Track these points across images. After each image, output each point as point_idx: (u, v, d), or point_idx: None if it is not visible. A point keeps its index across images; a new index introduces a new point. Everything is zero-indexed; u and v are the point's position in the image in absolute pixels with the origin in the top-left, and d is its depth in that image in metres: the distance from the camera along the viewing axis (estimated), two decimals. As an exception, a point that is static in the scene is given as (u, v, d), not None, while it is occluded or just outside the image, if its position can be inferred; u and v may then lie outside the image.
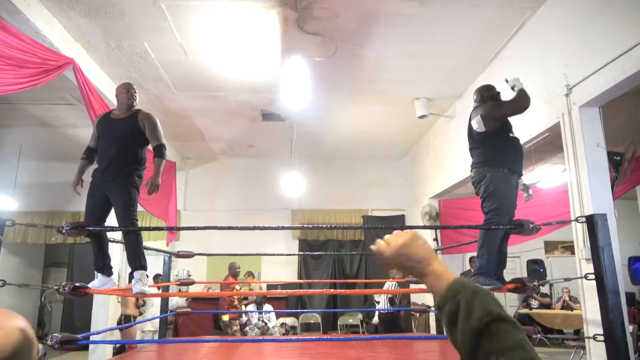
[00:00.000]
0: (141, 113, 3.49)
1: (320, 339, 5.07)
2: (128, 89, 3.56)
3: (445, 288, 0.88)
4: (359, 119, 7.61)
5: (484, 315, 0.78)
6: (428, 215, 7.93)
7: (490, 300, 0.82)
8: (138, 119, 3.42)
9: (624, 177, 4.06)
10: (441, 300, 0.88)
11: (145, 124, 3.41)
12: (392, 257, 0.99)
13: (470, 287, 0.85)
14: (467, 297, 0.83)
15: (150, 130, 3.41)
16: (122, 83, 3.67)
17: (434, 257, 0.96)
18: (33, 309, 9.80)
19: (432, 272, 0.94)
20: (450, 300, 0.85)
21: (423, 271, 0.95)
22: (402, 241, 0.98)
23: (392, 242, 1.00)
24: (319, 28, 4.84)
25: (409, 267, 0.97)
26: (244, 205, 9.56)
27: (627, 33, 3.32)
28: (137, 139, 3.42)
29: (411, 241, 0.98)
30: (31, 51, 3.77)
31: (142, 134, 3.42)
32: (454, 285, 0.87)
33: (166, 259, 5.11)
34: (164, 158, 3.42)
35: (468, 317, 0.80)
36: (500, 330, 0.77)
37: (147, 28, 4.81)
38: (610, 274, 2.80)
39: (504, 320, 0.78)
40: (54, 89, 5.82)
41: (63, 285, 3.04)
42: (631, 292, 8.72)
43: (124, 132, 3.39)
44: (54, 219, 8.87)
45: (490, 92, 3.66)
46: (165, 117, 7.26)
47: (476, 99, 3.68)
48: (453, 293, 0.86)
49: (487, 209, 3.31)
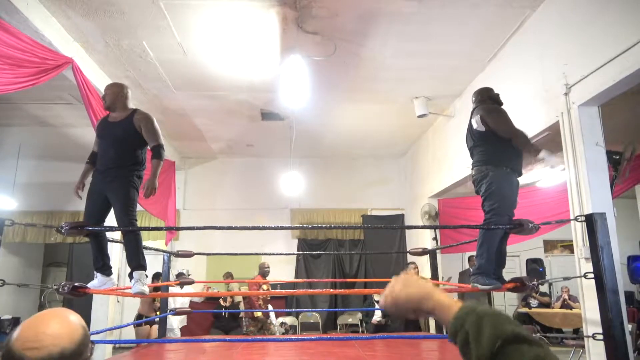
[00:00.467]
0: (137, 114, 3.44)
1: (320, 338, 5.07)
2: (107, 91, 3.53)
3: (452, 319, 0.85)
4: (358, 118, 7.61)
5: (495, 339, 0.75)
6: (427, 214, 7.93)
7: (499, 321, 0.78)
8: (133, 121, 3.37)
9: (623, 176, 4.06)
10: (451, 332, 0.85)
11: (142, 125, 3.37)
12: (397, 306, 0.95)
13: (475, 313, 0.82)
14: (475, 324, 0.80)
15: (146, 131, 3.37)
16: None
17: (434, 290, 0.93)
18: (32, 309, 9.78)
19: (436, 305, 0.91)
20: (460, 330, 0.82)
21: (428, 307, 0.92)
22: (397, 287, 0.95)
23: (389, 292, 0.97)
24: (318, 27, 4.84)
25: (415, 308, 0.94)
26: (243, 204, 9.57)
27: (626, 32, 3.32)
28: (134, 141, 3.38)
29: (404, 283, 0.95)
30: (30, 50, 3.77)
31: (138, 135, 3.37)
32: (460, 314, 0.84)
33: (165, 258, 5.11)
34: (161, 159, 3.37)
35: (479, 344, 0.77)
36: (514, 350, 0.74)
37: (146, 27, 4.81)
38: (610, 273, 2.80)
39: (517, 338, 0.75)
40: (53, 89, 5.82)
41: (62, 285, 3.04)
42: (630, 291, 8.73)
43: (120, 135, 3.37)
44: (53, 219, 8.87)
45: (488, 93, 3.67)
46: (165, 116, 7.26)
47: (475, 99, 3.68)
48: (460, 322, 0.83)
49: (487, 208, 3.31)
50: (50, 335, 0.98)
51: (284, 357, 3.83)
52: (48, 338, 0.97)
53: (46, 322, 1.00)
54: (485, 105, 3.54)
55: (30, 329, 0.98)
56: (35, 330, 0.98)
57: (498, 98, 3.65)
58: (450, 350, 4.26)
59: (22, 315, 8.97)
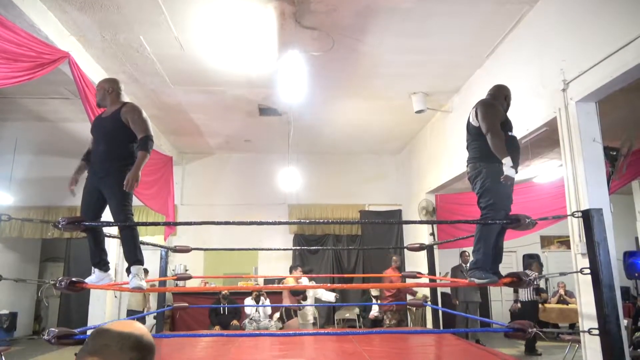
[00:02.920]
0: (124, 107, 3.37)
1: (317, 333, 5.09)
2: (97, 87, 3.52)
3: None
4: (356, 114, 7.60)
5: None
6: (425, 210, 7.94)
7: None
8: (120, 114, 3.31)
9: (619, 171, 4.07)
10: None
11: (128, 118, 3.29)
12: None
13: None
14: None
15: (133, 122, 3.29)
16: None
17: None
18: (30, 304, 9.80)
19: None
20: None
21: None
22: None
23: None
24: (316, 22, 4.83)
25: None
26: (241, 200, 9.57)
27: (624, 28, 3.32)
28: (123, 134, 3.31)
29: None
30: (26, 45, 3.74)
31: (127, 129, 3.30)
32: None
33: (163, 253, 5.11)
34: (147, 151, 3.24)
35: None
36: None
37: (143, 21, 4.78)
38: (606, 268, 2.81)
39: None
40: (50, 83, 5.78)
41: (60, 280, 3.04)
42: (626, 287, 8.78)
43: (109, 129, 3.32)
44: (50, 214, 8.84)
45: (500, 92, 3.54)
46: (162, 111, 7.23)
47: (489, 92, 3.60)
48: None
49: (483, 204, 3.30)
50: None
51: (281, 351, 3.84)
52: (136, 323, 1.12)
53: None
54: (485, 99, 3.50)
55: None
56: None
57: (505, 101, 3.54)
58: (445, 345, 4.29)
59: (19, 310, 8.97)
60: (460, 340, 4.49)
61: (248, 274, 9.19)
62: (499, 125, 3.28)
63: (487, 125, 3.29)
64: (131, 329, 1.06)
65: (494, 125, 3.27)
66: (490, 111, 3.36)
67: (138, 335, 1.05)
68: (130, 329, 1.06)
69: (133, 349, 1.02)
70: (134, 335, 1.05)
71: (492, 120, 3.30)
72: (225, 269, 9.19)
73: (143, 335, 1.06)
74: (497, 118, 3.33)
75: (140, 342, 1.04)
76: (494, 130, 3.25)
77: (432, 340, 4.55)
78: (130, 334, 1.04)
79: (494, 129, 3.25)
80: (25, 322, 9.46)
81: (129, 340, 1.03)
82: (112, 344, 1.00)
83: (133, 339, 1.04)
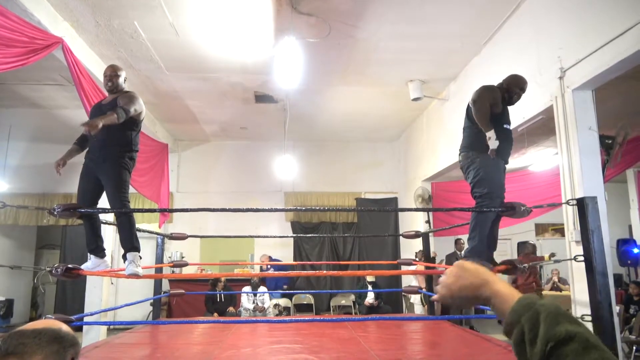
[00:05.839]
0: (122, 94, 3.38)
1: (313, 319, 5.13)
2: (105, 73, 3.47)
3: (509, 312, 0.80)
4: (352, 101, 7.57)
5: (548, 340, 0.71)
6: (421, 197, 7.97)
7: (556, 319, 0.73)
8: (117, 101, 3.31)
9: (614, 160, 4.09)
10: (506, 326, 0.80)
11: (122, 101, 3.28)
12: (452, 296, 0.92)
13: (534, 308, 0.76)
14: (531, 320, 0.75)
15: (122, 100, 3.27)
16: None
17: (492, 278, 0.89)
18: (26, 291, 9.81)
19: (493, 293, 0.87)
20: (516, 326, 0.78)
21: (484, 295, 0.88)
22: (452, 276, 0.93)
23: (444, 282, 0.94)
24: (312, 8, 4.78)
25: (472, 297, 0.91)
26: (237, 187, 9.56)
27: (621, 16, 3.31)
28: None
29: (460, 271, 0.92)
30: (18, 30, 3.69)
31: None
32: (517, 307, 0.79)
33: (159, 241, 5.11)
34: (116, 115, 3.14)
35: (533, 343, 0.73)
36: (568, 353, 0.69)
37: (137, 6, 4.72)
38: (599, 256, 2.84)
39: (572, 339, 0.70)
40: (43, 69, 5.72)
41: (56, 267, 3.04)
42: (619, 274, 8.89)
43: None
44: (46, 201, 8.82)
45: (513, 79, 3.49)
46: (157, 98, 7.18)
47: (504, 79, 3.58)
48: (517, 317, 0.78)
49: (478, 194, 3.32)
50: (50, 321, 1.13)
51: (277, 338, 3.87)
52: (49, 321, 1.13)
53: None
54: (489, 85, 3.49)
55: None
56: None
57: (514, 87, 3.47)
58: (440, 331, 4.33)
59: (15, 297, 8.99)
60: (454, 327, 4.54)
61: (244, 261, 9.22)
62: (487, 103, 3.32)
63: (475, 97, 3.35)
64: (46, 325, 1.07)
65: (482, 103, 3.32)
66: (483, 93, 3.39)
67: (55, 329, 1.06)
68: (44, 325, 1.06)
69: (51, 342, 1.02)
70: (50, 329, 1.05)
71: (482, 99, 3.34)
72: (222, 256, 9.21)
73: (61, 328, 1.07)
74: (489, 94, 3.36)
75: (59, 334, 1.05)
76: (481, 106, 3.30)
77: (427, 327, 4.59)
78: (44, 328, 1.04)
79: (481, 105, 3.30)
80: (22, 309, 9.48)
81: (46, 334, 1.03)
82: (27, 342, 1.00)
83: (50, 332, 1.04)
